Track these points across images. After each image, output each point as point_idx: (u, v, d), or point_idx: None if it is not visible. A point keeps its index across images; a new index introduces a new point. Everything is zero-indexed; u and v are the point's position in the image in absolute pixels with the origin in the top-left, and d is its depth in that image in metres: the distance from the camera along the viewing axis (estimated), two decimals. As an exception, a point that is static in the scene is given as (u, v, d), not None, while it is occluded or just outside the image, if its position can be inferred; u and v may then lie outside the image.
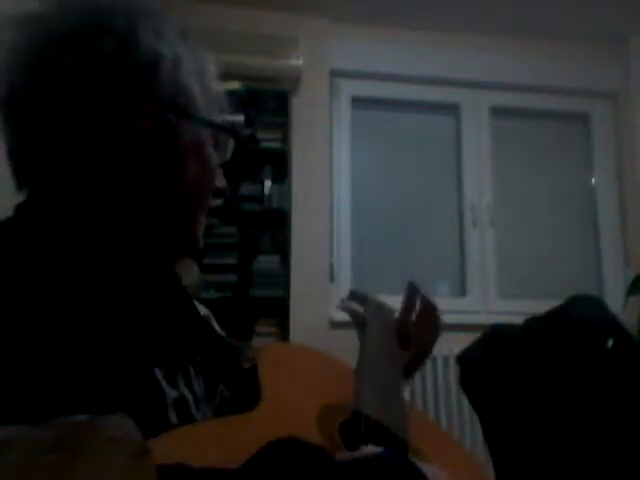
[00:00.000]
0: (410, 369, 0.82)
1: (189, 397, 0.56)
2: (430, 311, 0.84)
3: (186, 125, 0.60)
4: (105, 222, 0.57)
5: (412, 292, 0.86)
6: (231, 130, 0.66)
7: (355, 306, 0.89)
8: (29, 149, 0.57)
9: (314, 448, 0.42)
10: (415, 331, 0.84)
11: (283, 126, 2.82)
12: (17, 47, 0.56)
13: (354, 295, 0.95)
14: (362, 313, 0.86)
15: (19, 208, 0.57)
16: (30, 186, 0.58)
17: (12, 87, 0.56)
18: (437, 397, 2.64)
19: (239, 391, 0.66)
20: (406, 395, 0.75)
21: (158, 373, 0.53)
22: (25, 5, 0.57)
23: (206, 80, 0.63)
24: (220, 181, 0.67)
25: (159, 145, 0.58)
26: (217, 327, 0.76)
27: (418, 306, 0.84)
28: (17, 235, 0.52)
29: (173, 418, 0.52)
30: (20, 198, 0.59)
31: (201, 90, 0.62)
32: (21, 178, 0.59)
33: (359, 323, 0.86)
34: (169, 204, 0.60)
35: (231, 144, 0.67)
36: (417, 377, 2.64)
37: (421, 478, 0.42)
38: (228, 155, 0.67)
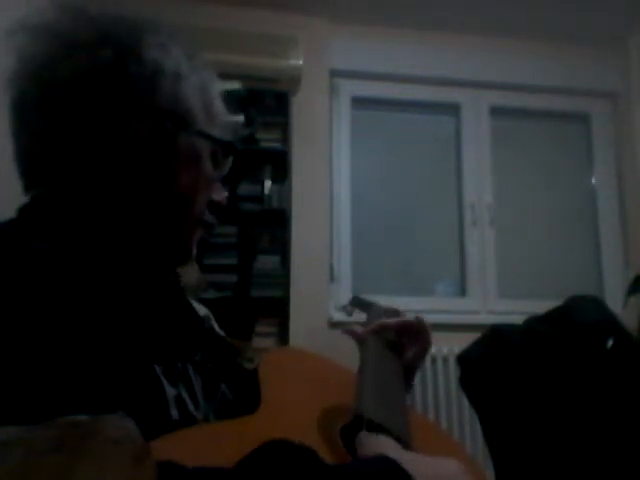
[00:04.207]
0: (406, 374, 0.82)
1: (186, 396, 0.57)
2: (421, 327, 0.84)
3: (183, 136, 0.62)
4: (105, 224, 0.59)
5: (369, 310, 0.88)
6: (229, 145, 0.68)
7: (355, 328, 0.89)
8: (37, 152, 0.59)
9: (306, 450, 0.43)
10: (405, 344, 0.84)
11: (283, 126, 2.82)
12: (26, 53, 0.58)
13: (356, 301, 0.95)
14: (361, 334, 0.86)
15: (24, 210, 0.58)
16: (37, 187, 0.60)
17: (22, 92, 0.59)
18: (437, 397, 2.64)
19: (240, 393, 0.66)
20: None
21: (157, 369, 0.53)
22: (37, 12, 0.59)
23: (208, 97, 0.66)
24: (219, 195, 0.68)
25: (154, 152, 0.60)
26: (217, 327, 0.76)
27: (417, 334, 0.84)
28: (25, 236, 0.53)
29: (174, 414, 0.53)
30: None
31: (202, 105, 0.64)
32: (29, 178, 0.61)
33: (358, 341, 0.86)
34: (161, 210, 0.62)
35: (229, 160, 0.69)
36: (417, 377, 2.64)
37: None
38: (226, 170, 0.69)
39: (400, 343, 0.85)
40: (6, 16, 0.62)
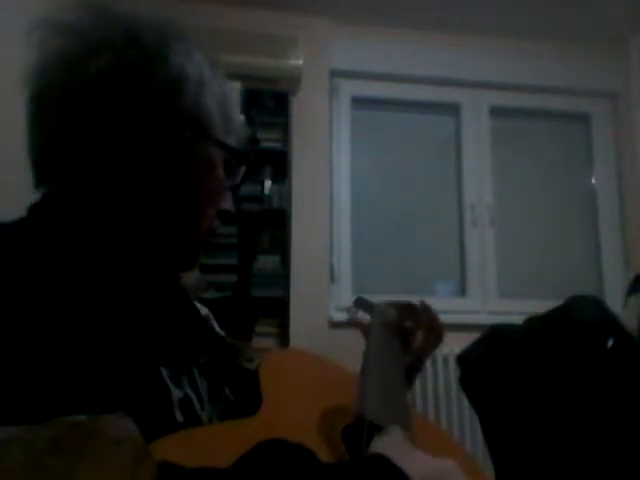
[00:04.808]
0: (409, 372, 0.82)
1: (193, 397, 0.57)
2: (436, 323, 0.84)
3: (201, 144, 0.61)
4: (114, 227, 0.58)
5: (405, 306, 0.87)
6: (244, 156, 0.67)
7: (360, 318, 0.89)
8: (52, 149, 0.58)
9: (301, 449, 0.43)
10: (416, 338, 0.84)
11: (283, 126, 2.82)
12: (48, 49, 0.58)
13: (359, 303, 0.95)
14: (367, 325, 0.86)
15: (34, 209, 0.58)
16: (48, 185, 0.59)
17: (42, 88, 0.58)
18: (437, 397, 2.64)
19: (242, 395, 0.66)
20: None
21: (163, 372, 0.53)
22: (58, 9, 0.59)
23: (227, 107, 0.65)
24: (227, 203, 0.68)
25: (172, 159, 0.60)
26: (217, 327, 0.76)
27: (419, 314, 0.84)
28: (35, 236, 0.53)
29: (179, 416, 0.53)
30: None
31: (221, 115, 0.64)
32: (41, 175, 0.60)
33: (364, 331, 0.86)
34: (173, 216, 0.61)
35: (242, 170, 0.68)
36: (417, 376, 2.63)
37: None
38: (238, 180, 0.68)
39: (405, 329, 0.84)
40: (22, 11, 0.61)
